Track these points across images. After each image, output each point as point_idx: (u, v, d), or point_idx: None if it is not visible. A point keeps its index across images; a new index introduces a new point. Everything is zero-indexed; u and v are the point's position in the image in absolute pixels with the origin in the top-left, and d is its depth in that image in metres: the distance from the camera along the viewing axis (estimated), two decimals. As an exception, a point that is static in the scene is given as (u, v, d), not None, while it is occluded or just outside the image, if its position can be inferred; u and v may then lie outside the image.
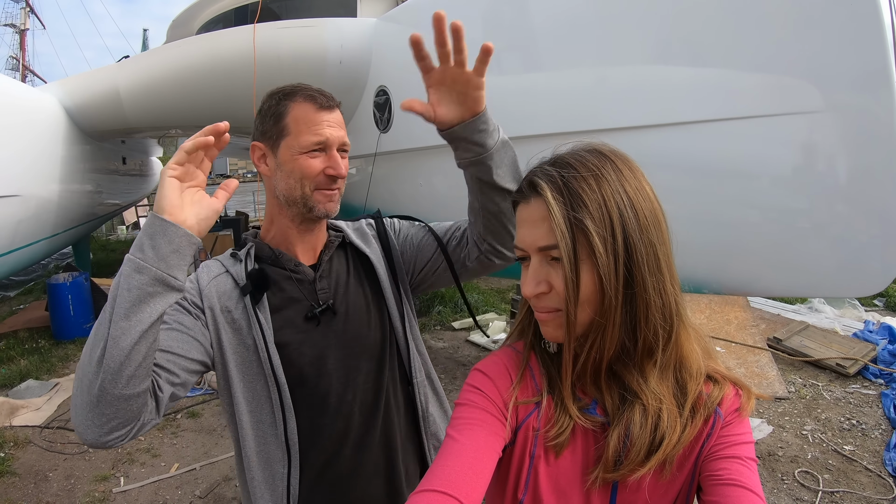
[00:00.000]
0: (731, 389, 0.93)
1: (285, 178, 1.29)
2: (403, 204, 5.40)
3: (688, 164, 3.11)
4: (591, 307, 0.85)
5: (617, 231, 0.82)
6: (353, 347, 1.34)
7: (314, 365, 1.30)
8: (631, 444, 0.85)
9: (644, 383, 0.87)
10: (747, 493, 0.81)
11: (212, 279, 1.27)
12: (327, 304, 1.32)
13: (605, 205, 0.83)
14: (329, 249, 1.40)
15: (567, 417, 0.90)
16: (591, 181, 0.84)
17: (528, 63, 3.89)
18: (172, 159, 1.01)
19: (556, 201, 0.84)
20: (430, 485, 0.80)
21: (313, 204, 1.28)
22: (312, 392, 1.30)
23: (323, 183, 1.28)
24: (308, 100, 1.29)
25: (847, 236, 2.73)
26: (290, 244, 1.36)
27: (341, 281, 1.39)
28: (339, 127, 1.31)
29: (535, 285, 0.88)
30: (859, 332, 6.16)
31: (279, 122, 1.29)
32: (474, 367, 1.01)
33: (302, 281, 1.34)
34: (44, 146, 5.88)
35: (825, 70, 2.65)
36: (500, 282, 9.29)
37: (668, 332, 0.87)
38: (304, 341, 1.29)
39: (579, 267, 0.83)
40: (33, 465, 4.12)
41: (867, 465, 3.84)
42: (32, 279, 10.76)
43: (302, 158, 1.26)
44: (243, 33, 5.74)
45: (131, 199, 12.89)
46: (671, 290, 0.86)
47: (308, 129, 1.27)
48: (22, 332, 7.04)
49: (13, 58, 36.39)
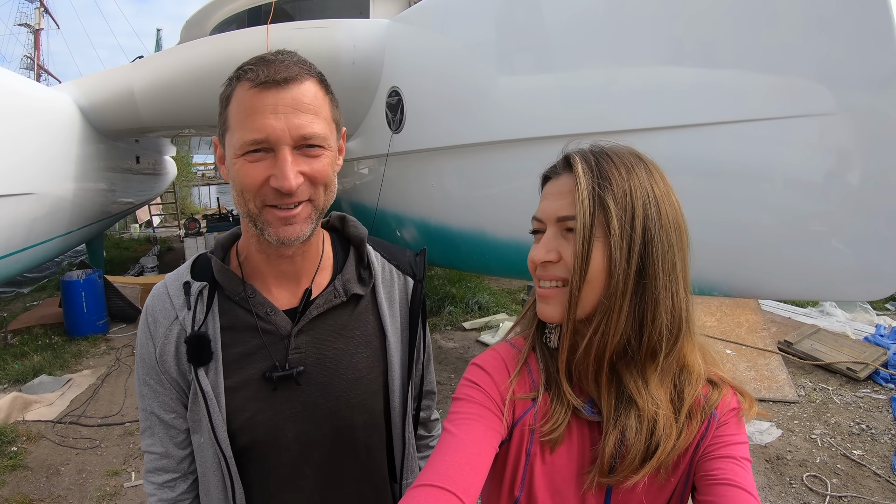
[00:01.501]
0: (730, 393, 0.93)
1: (231, 188, 0.99)
2: (415, 204, 5.42)
3: (699, 165, 3.10)
4: (598, 288, 0.85)
5: (637, 220, 0.84)
6: (321, 423, 1.09)
7: (269, 436, 1.07)
8: (626, 451, 0.86)
9: (644, 387, 0.87)
10: (742, 493, 0.81)
11: (165, 330, 1.05)
12: (293, 371, 1.05)
13: (630, 193, 0.84)
14: (325, 300, 1.10)
15: (562, 412, 0.90)
16: (622, 170, 0.86)
17: (540, 64, 3.90)
18: None
19: (585, 175, 0.86)
20: (427, 479, 0.80)
21: (262, 225, 0.97)
22: (265, 462, 1.09)
23: (271, 198, 0.94)
24: (245, 78, 0.93)
25: (858, 239, 2.72)
26: (265, 277, 1.08)
27: (329, 341, 1.10)
28: (296, 111, 0.92)
29: (546, 252, 0.89)
30: (870, 336, 6.12)
31: (223, 112, 0.98)
32: (472, 361, 1.00)
33: (272, 333, 1.06)
34: (59, 145, 5.94)
35: (838, 72, 2.64)
36: (510, 283, 9.28)
37: (675, 337, 0.87)
38: (260, 410, 1.05)
39: (592, 242, 0.84)
40: (46, 460, 4.17)
41: (876, 469, 3.81)
42: (46, 276, 10.88)
43: (239, 163, 0.93)
44: (257, 34, 5.78)
45: (145, 198, 13.01)
46: (683, 296, 0.87)
47: (243, 120, 0.92)
48: (36, 328, 7.13)
49: (28, 57, 36.79)
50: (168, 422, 1.09)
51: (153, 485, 1.13)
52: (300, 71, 0.94)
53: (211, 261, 1.08)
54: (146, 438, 1.12)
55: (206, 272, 1.07)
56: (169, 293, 1.06)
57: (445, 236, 4.89)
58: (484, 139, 4.18)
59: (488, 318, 7.35)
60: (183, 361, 1.04)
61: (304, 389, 1.07)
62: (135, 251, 13.84)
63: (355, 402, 1.11)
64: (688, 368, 0.90)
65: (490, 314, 7.60)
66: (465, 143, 4.36)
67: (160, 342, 1.04)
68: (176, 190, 19.69)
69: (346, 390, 1.10)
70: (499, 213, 4.24)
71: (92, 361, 6.22)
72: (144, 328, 1.07)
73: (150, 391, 1.08)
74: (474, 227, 4.50)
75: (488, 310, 7.80)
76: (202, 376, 1.02)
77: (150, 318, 1.06)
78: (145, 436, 1.12)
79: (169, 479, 1.12)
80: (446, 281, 8.65)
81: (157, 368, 1.06)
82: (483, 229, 4.40)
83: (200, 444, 1.09)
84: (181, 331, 1.04)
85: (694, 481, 0.90)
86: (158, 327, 1.05)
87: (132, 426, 4.67)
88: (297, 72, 0.93)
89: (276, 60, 0.93)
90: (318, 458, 1.11)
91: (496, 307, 7.91)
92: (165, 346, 1.04)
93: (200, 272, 1.07)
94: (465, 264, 5.30)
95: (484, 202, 4.45)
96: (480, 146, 4.25)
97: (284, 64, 0.93)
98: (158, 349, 1.04)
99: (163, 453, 1.11)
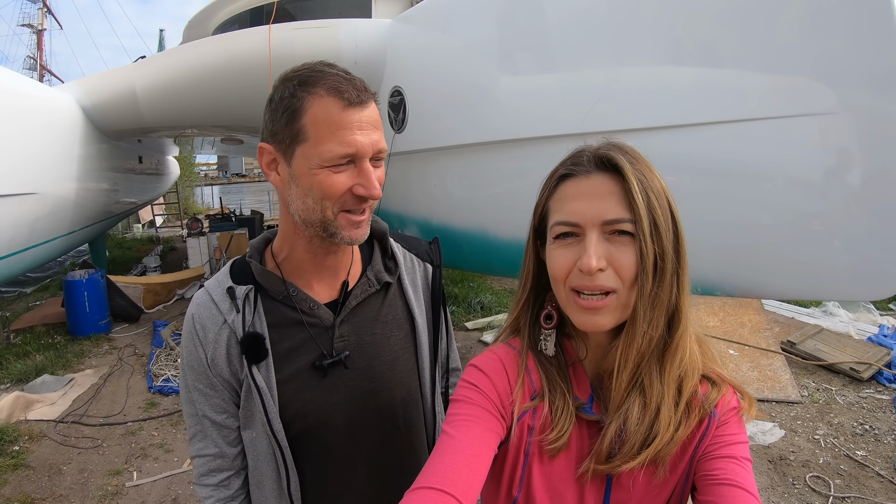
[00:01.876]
0: (730, 392, 0.92)
1: (301, 196, 1.04)
2: (417, 204, 5.43)
3: (701, 165, 3.10)
4: (635, 290, 0.84)
5: (669, 216, 0.85)
6: (366, 405, 1.19)
7: (319, 421, 1.15)
8: (626, 438, 0.85)
9: (657, 377, 0.86)
10: (742, 493, 0.80)
11: (215, 335, 1.11)
12: (340, 356, 1.14)
13: (663, 191, 0.85)
14: (362, 291, 1.19)
15: (567, 419, 0.89)
16: (650, 168, 0.87)
17: (542, 64, 3.90)
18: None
19: (635, 175, 0.83)
20: (426, 482, 0.79)
21: (335, 230, 1.04)
22: (317, 445, 1.17)
23: (350, 203, 1.03)
24: (332, 93, 0.99)
25: (861, 239, 2.72)
26: (305, 274, 1.16)
27: (367, 328, 1.19)
28: (374, 128, 1.02)
29: (598, 259, 0.82)
30: (874, 337, 6.10)
31: (294, 123, 1.00)
32: (469, 362, 0.99)
33: (317, 326, 1.15)
34: (61, 145, 5.96)
35: (839, 71, 2.64)
36: (513, 283, 9.26)
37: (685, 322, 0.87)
38: (311, 399, 1.14)
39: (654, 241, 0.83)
40: (47, 459, 4.18)
41: (879, 470, 3.80)
42: (49, 276, 10.92)
43: (323, 174, 1.00)
44: (259, 34, 5.79)
45: (147, 198, 13.06)
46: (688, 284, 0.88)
47: (332, 135, 0.98)
48: (38, 327, 7.14)
49: (31, 57, 36.85)
50: (220, 422, 1.16)
51: (209, 487, 1.19)
52: (370, 93, 1.03)
53: (250, 265, 1.15)
54: (197, 443, 1.19)
55: (246, 276, 1.14)
56: (214, 299, 1.13)
57: (448, 236, 4.88)
58: (486, 139, 4.18)
59: (491, 318, 7.35)
60: (234, 362, 1.11)
61: (350, 374, 1.17)
62: (137, 251, 13.86)
63: (394, 381, 1.21)
64: (687, 358, 0.89)
65: (493, 314, 7.60)
66: (467, 143, 4.36)
67: (210, 347, 1.10)
68: (178, 190, 19.72)
69: (385, 371, 1.20)
70: (501, 212, 4.24)
71: (94, 361, 6.24)
72: (192, 336, 1.12)
73: (200, 396, 1.14)
74: (477, 227, 4.50)
75: (491, 310, 7.80)
76: (256, 373, 1.08)
77: (197, 326, 1.11)
78: (196, 440, 1.19)
79: (224, 477, 1.20)
80: (449, 281, 8.65)
81: (209, 373, 1.11)
82: (485, 229, 4.40)
83: (252, 439, 1.16)
84: (231, 333, 1.10)
85: (694, 481, 0.89)
86: (207, 333, 1.11)
87: (134, 426, 4.68)
88: (370, 93, 1.03)
89: (353, 80, 1.02)
90: (365, 437, 1.20)
91: (499, 307, 7.91)
92: (217, 350, 1.10)
93: (240, 276, 1.14)
94: (467, 264, 5.29)
95: (486, 202, 4.45)
96: (482, 146, 4.25)
97: (361, 84, 1.02)
98: (210, 354, 1.10)
99: (217, 454, 1.18)
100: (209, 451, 1.18)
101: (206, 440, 1.18)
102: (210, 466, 1.19)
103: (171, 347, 6.30)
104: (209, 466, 1.19)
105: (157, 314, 7.98)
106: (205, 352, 1.10)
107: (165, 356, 6.13)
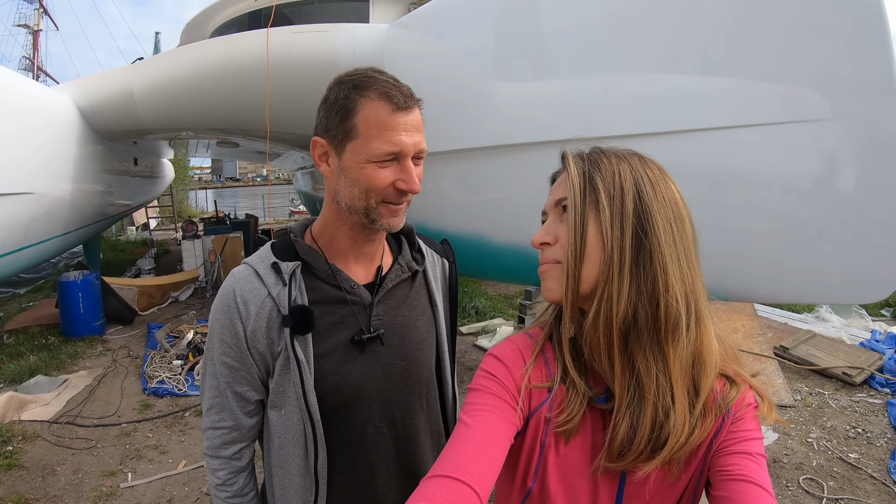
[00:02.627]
0: (748, 391, 0.92)
1: (349, 186, 1.14)
2: (413, 209, 5.43)
3: (696, 171, 3.12)
4: (596, 262, 0.86)
5: (627, 195, 0.86)
6: (398, 381, 1.27)
7: (354, 396, 1.22)
8: (635, 436, 0.85)
9: (658, 367, 0.85)
10: (757, 489, 0.80)
11: (257, 308, 1.15)
12: (378, 333, 1.22)
13: (619, 174, 0.88)
14: (395, 275, 1.29)
15: (578, 402, 0.89)
16: (612, 158, 0.90)
17: (538, 70, 3.93)
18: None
19: (575, 162, 0.92)
20: (441, 470, 0.79)
21: (376, 217, 1.16)
22: (348, 422, 1.23)
23: (391, 196, 1.14)
24: (383, 97, 1.10)
25: (853, 243, 2.75)
26: (345, 257, 1.25)
27: (400, 309, 1.29)
28: (417, 131, 1.13)
29: (544, 234, 0.94)
30: (866, 342, 6.15)
31: (346, 121, 1.12)
32: (488, 351, 1.00)
33: (357, 304, 1.23)
34: (57, 145, 5.95)
35: (833, 78, 2.67)
36: (507, 287, 9.30)
37: (696, 309, 0.86)
38: (348, 372, 1.21)
39: (586, 218, 0.87)
40: (41, 459, 4.16)
41: (872, 472, 3.83)
42: (42, 277, 10.86)
43: (370, 168, 1.11)
44: (257, 37, 5.80)
45: (142, 200, 13.01)
46: (696, 267, 0.88)
47: (380, 134, 1.09)
48: (32, 328, 7.11)
49: (26, 58, 36.68)
50: (242, 393, 1.22)
51: (221, 459, 1.26)
52: (415, 99, 1.15)
53: (295, 244, 1.23)
54: (214, 415, 1.25)
55: (290, 253, 1.21)
56: (259, 273, 1.18)
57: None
58: (481, 144, 4.20)
59: (485, 323, 7.36)
60: (273, 335, 1.16)
61: (384, 351, 1.25)
62: (131, 253, 13.81)
63: (421, 360, 1.31)
64: (703, 356, 0.88)
65: (487, 319, 7.61)
66: (463, 148, 4.38)
67: (251, 321, 1.15)
68: (173, 193, 19.68)
69: (413, 350, 1.29)
70: (497, 217, 4.26)
71: (88, 362, 6.21)
72: (230, 310, 1.16)
73: (226, 369, 1.20)
74: (472, 232, 4.52)
75: (485, 314, 7.81)
76: (297, 347, 1.14)
77: (238, 300, 1.16)
78: (213, 412, 1.25)
79: (237, 449, 1.27)
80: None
81: (243, 346, 1.16)
82: (481, 234, 4.41)
83: (281, 417, 1.21)
84: (273, 307, 1.15)
85: (708, 477, 0.89)
86: (249, 307, 1.16)
87: (128, 427, 4.66)
88: (415, 100, 1.15)
89: (401, 87, 1.13)
90: (396, 413, 1.28)
91: (493, 312, 7.91)
92: (258, 323, 1.15)
93: (284, 253, 1.21)
94: (462, 269, 5.24)
95: (482, 207, 4.47)
96: (478, 151, 4.27)
97: (408, 91, 1.14)
98: (250, 328, 1.15)
99: (233, 426, 1.24)
100: (226, 423, 1.24)
101: (224, 412, 1.23)
102: (225, 439, 1.25)
103: (165, 349, 6.28)
104: (224, 439, 1.25)
105: (151, 316, 7.96)
106: (244, 325, 1.16)
107: (160, 358, 6.11)
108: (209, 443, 1.27)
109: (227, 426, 1.24)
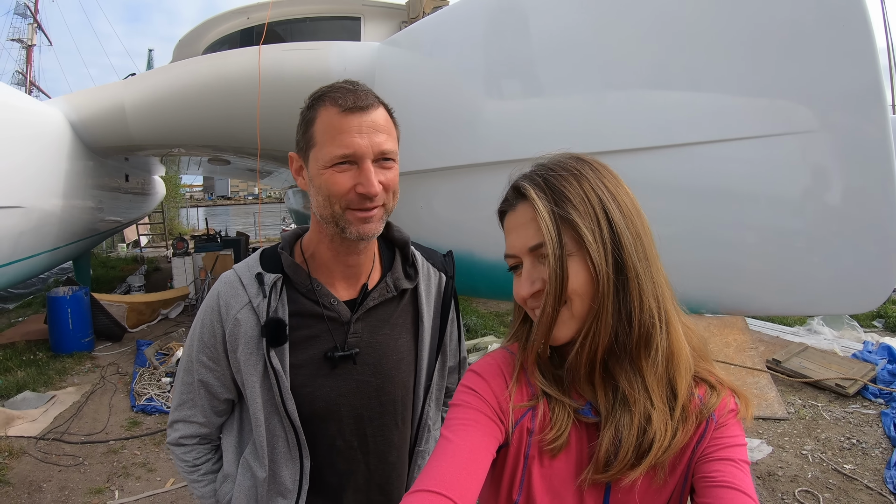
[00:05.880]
0: (729, 396, 0.93)
1: (315, 195, 1.15)
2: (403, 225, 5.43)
3: (684, 185, 3.15)
4: (587, 298, 0.85)
5: (602, 221, 0.84)
6: (371, 398, 1.26)
7: (325, 409, 1.22)
8: (620, 447, 0.85)
9: (637, 382, 0.86)
10: (740, 496, 0.81)
11: (236, 313, 1.18)
12: (351, 352, 1.22)
13: (587, 198, 0.85)
14: (379, 294, 1.26)
15: (565, 418, 0.90)
16: (571, 179, 0.87)
17: (527, 87, 3.96)
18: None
19: (540, 199, 0.87)
20: (424, 485, 0.79)
21: (345, 224, 1.13)
22: (319, 433, 1.24)
23: (354, 202, 1.11)
24: (333, 102, 1.10)
25: (843, 253, 2.77)
26: (330, 270, 1.24)
27: (381, 328, 1.27)
28: (376, 132, 1.10)
29: (531, 284, 0.89)
30: (858, 353, 6.16)
31: (307, 131, 1.14)
32: (469, 367, 1.01)
33: (334, 320, 1.22)
34: (48, 159, 5.93)
35: (818, 91, 2.71)
36: (498, 305, 9.28)
37: (666, 315, 0.87)
38: (321, 385, 1.21)
39: (565, 261, 0.84)
40: (27, 476, 4.08)
41: (868, 483, 3.82)
42: (32, 292, 10.77)
43: (328, 174, 1.10)
44: (249, 54, 5.83)
45: (133, 217, 12.97)
46: (659, 276, 0.88)
47: (332, 138, 1.09)
48: (20, 343, 7.02)
49: (19, 73, 36.67)
50: (214, 392, 1.25)
51: (186, 447, 1.32)
52: (375, 100, 1.13)
53: (281, 256, 1.23)
54: (186, 410, 1.28)
55: (275, 265, 1.22)
56: (242, 282, 1.21)
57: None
58: (471, 161, 4.21)
59: (476, 341, 7.31)
60: (250, 343, 1.18)
61: (359, 368, 1.24)
62: (121, 270, 13.71)
63: (398, 379, 1.30)
64: (676, 356, 0.89)
65: (478, 336, 7.56)
66: (453, 166, 4.39)
67: (230, 325, 1.18)
68: (164, 210, 19.62)
69: (391, 369, 1.28)
70: (487, 234, 4.22)
71: (76, 379, 6.13)
72: (214, 311, 1.20)
73: (201, 367, 1.23)
74: (462, 249, 4.51)
75: (476, 332, 7.76)
76: (273, 355, 1.16)
77: (221, 303, 1.19)
78: (185, 407, 1.28)
79: (203, 441, 1.33)
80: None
81: (220, 346, 1.20)
82: (472, 251, 4.41)
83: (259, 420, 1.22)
84: (252, 315, 1.18)
85: (692, 483, 0.90)
86: (230, 311, 1.18)
87: (116, 444, 4.59)
88: (373, 100, 1.12)
89: (357, 90, 1.12)
90: (367, 429, 1.28)
91: (484, 329, 7.87)
92: (236, 328, 1.18)
93: (270, 265, 1.22)
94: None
95: (472, 224, 4.47)
96: (468, 168, 4.28)
97: (364, 93, 1.12)
98: (229, 331, 1.18)
99: (203, 422, 1.29)
100: (197, 418, 1.29)
101: (196, 409, 1.27)
102: (191, 430, 1.30)
103: (154, 366, 6.21)
104: (191, 430, 1.30)
105: (140, 333, 7.88)
106: (223, 328, 1.19)
107: (149, 375, 6.04)
108: (175, 434, 1.31)
109: (196, 421, 1.28)
